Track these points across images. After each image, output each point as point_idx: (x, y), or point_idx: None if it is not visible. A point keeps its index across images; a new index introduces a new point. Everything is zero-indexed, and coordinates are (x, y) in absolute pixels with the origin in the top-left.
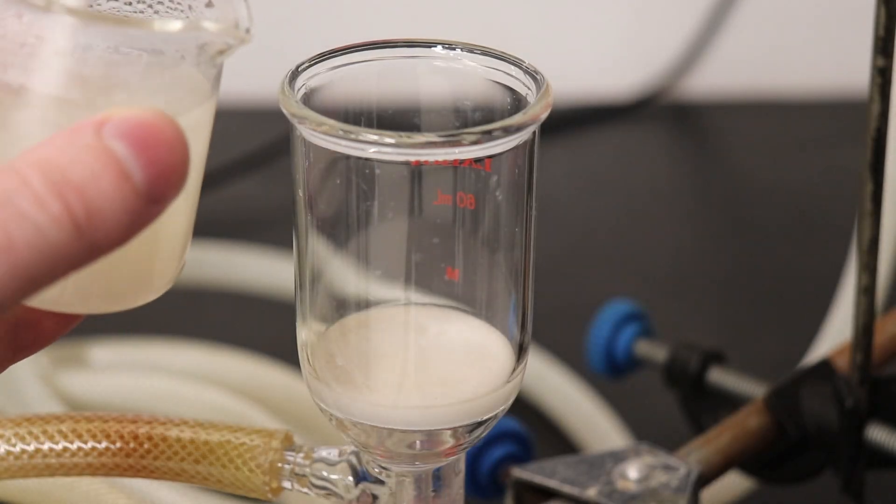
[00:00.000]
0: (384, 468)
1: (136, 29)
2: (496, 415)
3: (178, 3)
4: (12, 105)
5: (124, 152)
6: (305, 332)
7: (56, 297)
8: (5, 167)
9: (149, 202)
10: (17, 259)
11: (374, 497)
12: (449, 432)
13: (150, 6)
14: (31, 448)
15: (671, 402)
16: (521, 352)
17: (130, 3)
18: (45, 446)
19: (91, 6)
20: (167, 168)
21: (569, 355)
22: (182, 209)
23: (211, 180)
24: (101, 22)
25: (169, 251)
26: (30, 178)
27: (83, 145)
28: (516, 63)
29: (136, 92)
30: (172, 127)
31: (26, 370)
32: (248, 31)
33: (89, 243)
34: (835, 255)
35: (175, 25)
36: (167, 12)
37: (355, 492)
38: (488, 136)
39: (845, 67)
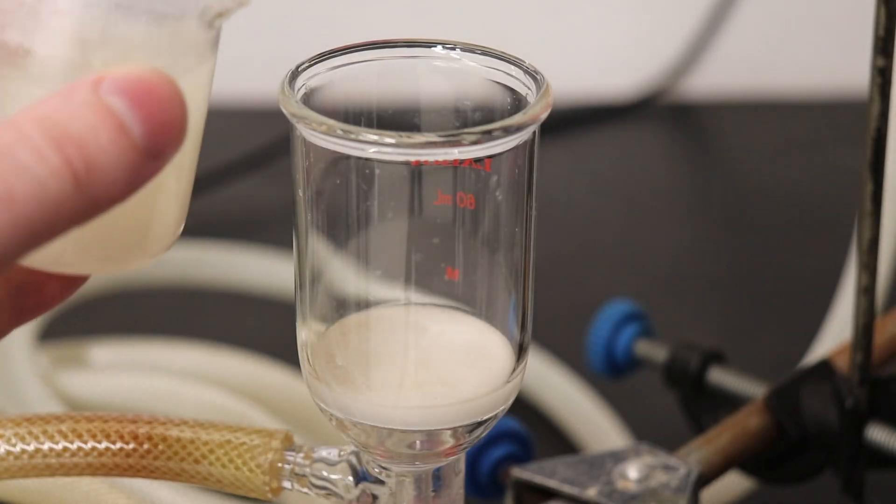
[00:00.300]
0: (384, 468)
1: None
2: (496, 415)
3: None
4: (11, 64)
5: (122, 107)
6: (305, 332)
7: (55, 257)
8: (4, 123)
9: (148, 157)
10: (18, 211)
11: (374, 497)
12: (449, 432)
13: None
14: (31, 448)
15: (671, 402)
16: (521, 352)
17: None
18: (45, 446)
19: None
20: (165, 123)
21: (569, 355)
22: (180, 170)
23: (211, 180)
24: None
25: (166, 213)
26: (29, 131)
27: (81, 101)
28: (516, 63)
29: (134, 52)
30: (169, 83)
31: (26, 370)
32: None
33: (89, 197)
34: (835, 255)
35: None
36: None
37: (355, 492)
38: (488, 136)
39: (845, 67)
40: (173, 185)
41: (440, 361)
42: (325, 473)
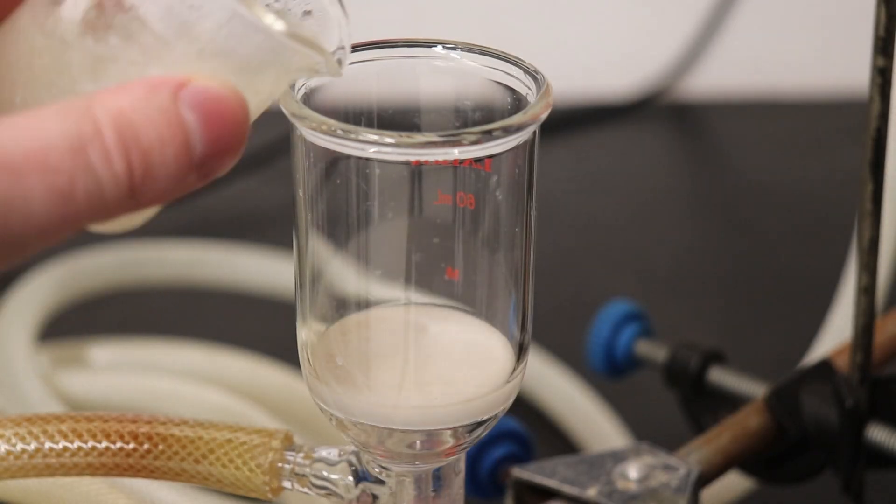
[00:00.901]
0: (384, 468)
1: (251, 14)
2: (496, 415)
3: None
4: (121, 25)
5: (194, 124)
6: (305, 332)
7: None
8: (84, 105)
9: (198, 175)
10: (74, 208)
11: (374, 497)
12: (449, 432)
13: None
14: (31, 448)
15: (671, 402)
16: (521, 352)
17: None
18: (46, 446)
19: None
20: (226, 148)
21: (569, 355)
22: None
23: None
24: None
25: None
26: (104, 129)
27: (159, 106)
28: (516, 63)
29: (224, 64)
30: (243, 109)
31: (26, 370)
32: (340, 64)
33: (135, 203)
34: (835, 255)
35: (293, 31)
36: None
37: (355, 492)
38: (488, 135)
39: (845, 67)
40: None
41: (440, 361)
42: (325, 473)
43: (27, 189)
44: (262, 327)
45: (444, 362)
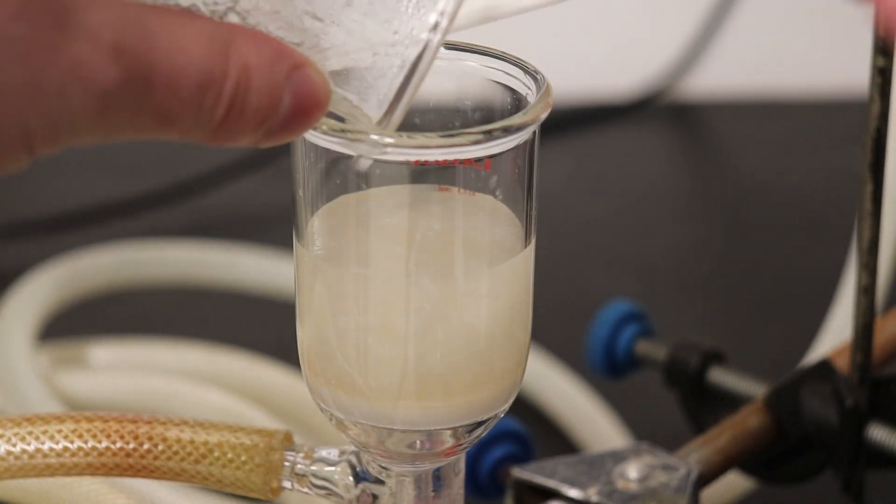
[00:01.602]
0: (384, 468)
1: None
2: (496, 415)
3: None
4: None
5: (285, 108)
6: (305, 332)
7: None
8: (227, 40)
9: (249, 140)
10: (162, 128)
11: (374, 497)
12: (449, 432)
13: None
14: (31, 448)
15: (671, 402)
16: None
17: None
18: (45, 446)
19: None
20: (283, 138)
21: (569, 355)
22: None
23: (211, 180)
24: None
25: None
26: (228, 79)
27: (273, 79)
28: (516, 63)
29: (343, 63)
30: (322, 112)
31: (26, 370)
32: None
33: (193, 137)
34: (835, 255)
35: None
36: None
37: (355, 492)
38: (488, 136)
39: (845, 67)
40: None
41: (441, 361)
42: (325, 473)
43: (147, 103)
44: (262, 327)
45: (445, 362)
